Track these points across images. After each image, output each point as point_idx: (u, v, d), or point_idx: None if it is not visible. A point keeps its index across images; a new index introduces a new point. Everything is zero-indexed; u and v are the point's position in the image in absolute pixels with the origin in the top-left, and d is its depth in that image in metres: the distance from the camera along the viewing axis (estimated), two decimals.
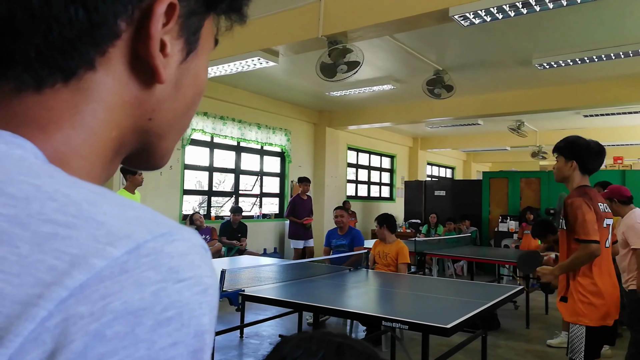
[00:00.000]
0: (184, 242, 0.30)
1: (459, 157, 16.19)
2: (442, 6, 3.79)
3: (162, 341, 0.27)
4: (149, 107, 0.39)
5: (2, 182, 0.29)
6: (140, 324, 0.26)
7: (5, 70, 0.33)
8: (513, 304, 6.13)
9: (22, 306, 0.25)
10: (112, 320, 0.26)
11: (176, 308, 0.28)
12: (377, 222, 4.78)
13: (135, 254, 0.28)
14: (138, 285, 0.27)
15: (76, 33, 0.33)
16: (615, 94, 6.96)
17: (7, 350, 0.24)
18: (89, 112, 0.35)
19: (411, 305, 3.31)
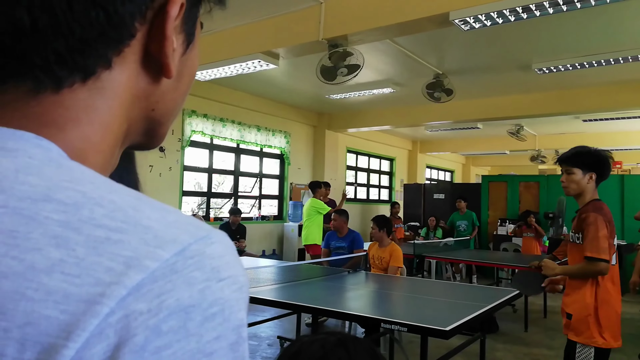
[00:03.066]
0: (221, 244, 0.33)
1: (458, 160, 16.21)
2: (443, 10, 3.80)
3: (208, 335, 0.29)
4: (154, 99, 0.41)
5: (48, 188, 0.30)
6: (190, 320, 0.29)
7: (22, 72, 0.34)
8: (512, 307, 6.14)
9: (86, 304, 0.27)
10: (167, 316, 0.28)
11: (219, 305, 0.30)
12: (377, 224, 4.70)
13: (182, 256, 0.30)
14: (187, 284, 0.29)
15: (96, 35, 0.35)
16: (615, 99, 6.98)
17: (75, 344, 0.27)
18: (105, 108, 0.37)
19: (410, 307, 3.32)
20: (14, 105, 0.34)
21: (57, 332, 0.27)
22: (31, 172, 0.31)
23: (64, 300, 0.27)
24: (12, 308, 0.27)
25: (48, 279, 0.28)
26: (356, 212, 10.67)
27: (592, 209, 2.42)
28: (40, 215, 0.29)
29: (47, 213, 0.29)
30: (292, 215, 8.94)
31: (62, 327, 0.27)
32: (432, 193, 11.05)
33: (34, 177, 0.31)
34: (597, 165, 2.44)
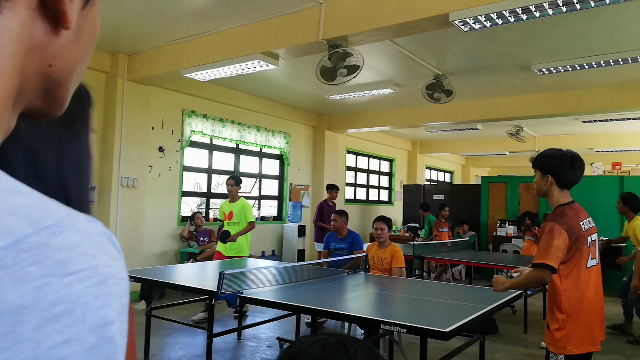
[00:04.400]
0: (75, 232, 0.28)
1: (458, 161, 16.22)
2: (443, 11, 3.80)
3: (51, 339, 0.25)
4: (50, 53, 0.37)
5: None
6: (22, 323, 0.24)
7: None
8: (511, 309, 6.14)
9: None
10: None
11: (65, 303, 0.26)
12: (385, 223, 4.64)
13: (14, 250, 0.26)
14: (17, 282, 0.25)
15: None
16: (614, 100, 6.98)
17: None
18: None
19: (409, 308, 3.31)
20: None
21: None
22: None
23: None
24: None
25: None
26: (355, 213, 10.67)
27: (551, 217, 2.39)
28: None
29: None
30: (291, 216, 8.93)
31: None
32: (431, 194, 11.05)
33: None
34: (551, 167, 2.41)
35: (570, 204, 2.44)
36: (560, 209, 2.41)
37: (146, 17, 4.92)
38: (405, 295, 3.75)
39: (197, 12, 4.76)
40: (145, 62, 6.02)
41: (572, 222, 2.35)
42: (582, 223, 2.39)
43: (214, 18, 4.91)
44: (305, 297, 3.35)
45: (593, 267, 2.43)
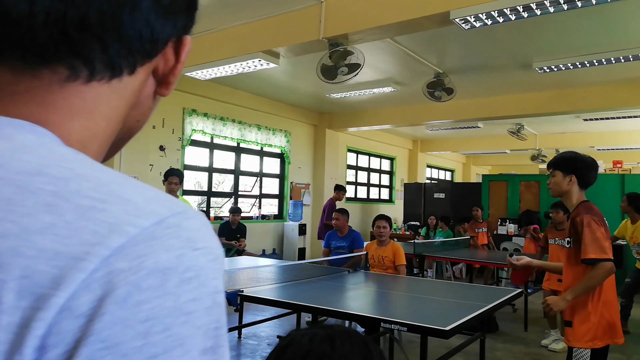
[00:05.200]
0: (196, 220, 0.37)
1: (459, 159, 16.20)
2: (444, 9, 3.80)
3: (185, 296, 0.33)
4: (143, 111, 0.47)
5: (41, 164, 0.35)
6: (168, 280, 0.33)
7: (66, 58, 0.39)
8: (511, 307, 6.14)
9: (74, 261, 0.31)
10: (146, 274, 0.32)
11: (195, 270, 0.34)
12: (387, 222, 4.64)
13: (160, 226, 0.34)
14: (165, 250, 0.33)
15: (138, 46, 0.42)
16: (615, 98, 6.97)
17: (64, 294, 0.31)
18: (115, 106, 0.43)
19: (410, 307, 3.32)
20: (38, 92, 0.39)
21: (48, 284, 0.31)
22: (25, 152, 0.35)
23: (55, 257, 0.31)
24: (9, 263, 0.31)
25: (41, 239, 0.32)
26: (356, 212, 10.67)
27: (583, 211, 2.45)
28: (34, 186, 0.33)
29: (40, 185, 0.34)
30: (292, 214, 8.94)
31: (52, 279, 0.31)
32: (432, 192, 11.05)
33: (27, 155, 0.35)
34: (575, 168, 2.53)
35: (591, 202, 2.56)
36: (587, 203, 2.52)
37: None
38: (406, 293, 3.75)
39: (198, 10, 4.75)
40: None
41: (601, 216, 2.46)
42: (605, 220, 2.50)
43: (215, 17, 4.90)
44: (306, 296, 3.35)
45: None
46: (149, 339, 0.31)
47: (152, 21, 0.42)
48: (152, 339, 0.31)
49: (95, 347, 0.30)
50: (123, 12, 0.40)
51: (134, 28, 0.41)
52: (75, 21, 0.38)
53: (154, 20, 0.42)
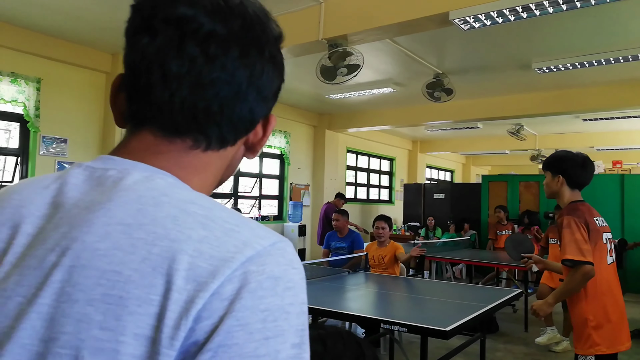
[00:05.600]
0: (291, 247, 0.51)
1: (458, 160, 16.20)
2: (443, 10, 3.80)
3: (287, 299, 0.46)
4: (232, 169, 0.63)
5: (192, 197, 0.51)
6: (277, 285, 0.46)
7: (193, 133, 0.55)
8: (512, 308, 6.14)
9: (223, 262, 0.45)
10: (266, 278, 0.46)
11: (293, 282, 0.48)
12: (387, 223, 4.64)
13: (273, 247, 0.48)
14: (276, 264, 0.47)
15: (242, 126, 0.59)
16: (615, 98, 6.97)
17: (216, 282, 0.44)
18: (219, 167, 0.60)
19: (410, 308, 3.31)
20: (173, 155, 0.56)
21: (205, 275, 0.44)
22: (180, 189, 0.52)
23: (210, 258, 0.46)
24: (180, 259, 0.45)
25: (200, 245, 0.46)
26: (356, 212, 10.67)
27: (566, 212, 2.43)
28: (191, 210, 0.49)
29: (195, 210, 0.49)
30: (292, 215, 8.93)
31: (209, 273, 0.45)
32: (432, 193, 11.04)
33: (181, 191, 0.52)
34: (562, 169, 2.49)
35: (582, 201, 2.50)
36: (573, 204, 2.46)
37: None
38: (406, 294, 3.75)
39: None
40: None
41: (586, 216, 2.39)
42: (595, 219, 2.44)
43: None
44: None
45: (611, 264, 2.44)
46: (265, 324, 0.44)
47: (254, 108, 0.58)
48: (267, 324, 0.44)
49: (233, 323, 0.43)
50: (235, 103, 0.56)
51: (242, 114, 0.57)
52: (202, 109, 0.54)
53: (255, 107, 0.58)
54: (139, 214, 0.48)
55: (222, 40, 0.54)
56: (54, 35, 5.51)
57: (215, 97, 0.54)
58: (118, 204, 0.49)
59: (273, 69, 0.59)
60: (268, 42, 0.58)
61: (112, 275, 0.44)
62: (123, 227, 0.47)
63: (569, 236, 2.33)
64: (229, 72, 0.54)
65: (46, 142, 5.64)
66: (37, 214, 0.51)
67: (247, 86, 0.56)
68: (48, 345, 0.42)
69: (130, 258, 0.45)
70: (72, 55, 5.75)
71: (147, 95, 0.54)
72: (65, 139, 5.82)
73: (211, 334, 0.43)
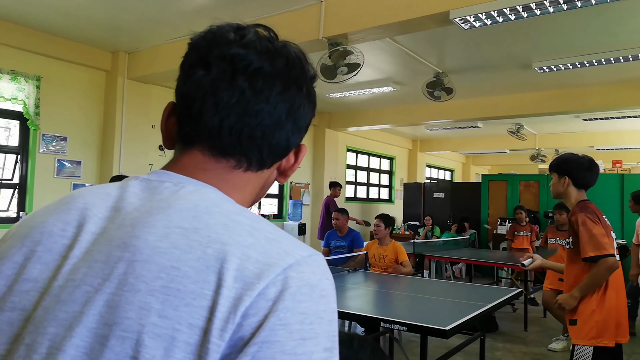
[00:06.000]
0: (324, 261, 0.56)
1: (458, 159, 16.20)
2: (443, 9, 3.79)
3: (321, 306, 0.51)
4: (266, 189, 0.71)
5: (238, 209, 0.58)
6: (313, 292, 0.51)
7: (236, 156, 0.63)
8: (511, 307, 6.14)
9: (267, 266, 0.51)
10: (304, 284, 0.51)
11: (327, 291, 0.53)
12: (383, 222, 4.66)
13: (310, 258, 0.54)
14: (313, 273, 0.52)
15: (278, 152, 0.66)
16: (615, 98, 6.97)
17: (261, 284, 0.49)
18: (256, 186, 0.67)
19: (410, 307, 3.32)
20: (218, 172, 0.63)
21: (252, 277, 0.49)
22: (228, 202, 0.59)
23: (256, 262, 0.50)
24: (230, 260, 0.50)
25: (248, 250, 0.51)
26: (356, 211, 10.66)
27: (578, 210, 2.49)
28: (239, 220, 0.55)
29: (242, 220, 0.55)
30: (292, 214, 8.93)
31: (255, 275, 0.49)
32: (432, 192, 11.04)
33: (229, 204, 0.59)
34: (568, 170, 2.58)
35: (589, 200, 2.59)
36: (583, 202, 2.55)
37: (146, 15, 4.91)
38: (406, 293, 3.75)
39: (197, 10, 4.76)
40: (145, 61, 6.01)
41: (597, 213, 2.49)
42: (603, 216, 2.53)
43: (214, 16, 4.89)
44: None
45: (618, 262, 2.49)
46: (303, 326, 0.48)
47: (290, 136, 0.65)
48: (304, 326, 0.48)
49: (276, 322, 0.47)
50: (275, 131, 0.63)
51: (279, 141, 0.64)
52: (246, 134, 0.62)
53: (290, 136, 0.65)
54: (195, 219, 0.54)
55: (268, 77, 0.61)
56: (54, 33, 5.50)
57: (258, 125, 0.62)
58: (176, 210, 0.55)
59: (308, 103, 0.67)
60: (306, 80, 0.66)
61: (171, 270, 0.49)
62: (181, 230, 0.53)
63: (586, 234, 2.39)
64: (272, 104, 0.62)
65: (46, 140, 5.64)
66: (100, 216, 0.58)
67: (286, 117, 0.63)
68: (112, 329, 0.47)
69: (187, 257, 0.50)
70: (72, 53, 5.74)
71: (199, 120, 0.62)
72: (65, 136, 5.82)
73: (257, 329, 0.47)
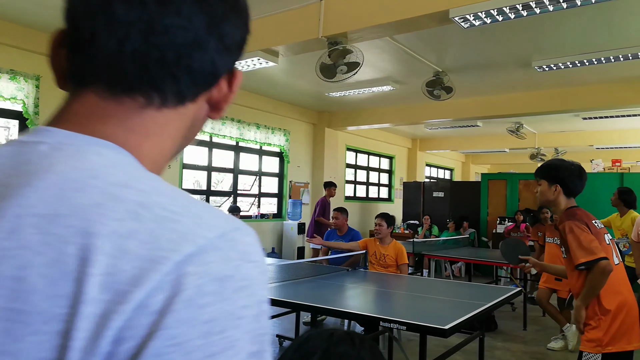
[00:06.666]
0: (250, 236, 0.42)
1: (458, 158, 16.20)
2: (443, 7, 3.79)
3: (239, 302, 0.38)
4: (196, 130, 0.55)
5: (129, 179, 0.42)
6: (226, 287, 0.37)
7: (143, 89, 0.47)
8: (510, 306, 6.14)
9: (151, 263, 0.36)
10: (209, 280, 0.37)
11: (248, 280, 0.39)
12: (385, 220, 4.65)
13: (223, 239, 0.40)
14: (225, 260, 0.38)
15: (202, 80, 0.50)
16: (615, 97, 6.97)
17: (141, 291, 0.35)
18: (178, 128, 0.51)
19: (409, 306, 3.32)
20: (122, 117, 0.47)
21: (129, 281, 0.35)
22: (116, 168, 0.42)
23: (136, 259, 0.36)
24: (96, 260, 0.36)
25: (125, 242, 0.37)
26: (355, 210, 10.67)
27: (565, 218, 2.46)
28: (122, 196, 0.39)
29: (127, 195, 0.39)
30: (291, 213, 8.93)
31: (132, 278, 0.35)
32: (431, 191, 11.05)
33: (117, 171, 0.42)
34: (560, 177, 2.53)
35: (577, 207, 2.55)
36: (570, 210, 2.51)
37: None
38: (405, 292, 3.75)
39: None
40: None
41: (584, 219, 2.44)
42: (594, 222, 2.48)
43: None
44: (305, 295, 3.35)
45: (619, 265, 2.46)
46: (209, 339, 0.36)
47: (215, 59, 0.50)
48: (211, 338, 0.36)
49: (164, 343, 0.34)
50: (194, 52, 0.47)
51: (201, 65, 0.48)
52: (155, 59, 0.46)
53: (217, 58, 0.50)
54: (58, 201, 0.38)
55: None
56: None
57: (170, 45, 0.45)
58: (36, 189, 0.39)
59: (236, 16, 0.51)
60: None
61: (14, 282, 0.35)
62: (36, 219, 0.37)
63: (574, 241, 2.36)
64: (185, 17, 0.46)
65: None
66: None
67: (207, 34, 0.48)
68: None
69: (39, 260, 0.35)
70: None
71: (91, 47, 0.45)
72: None
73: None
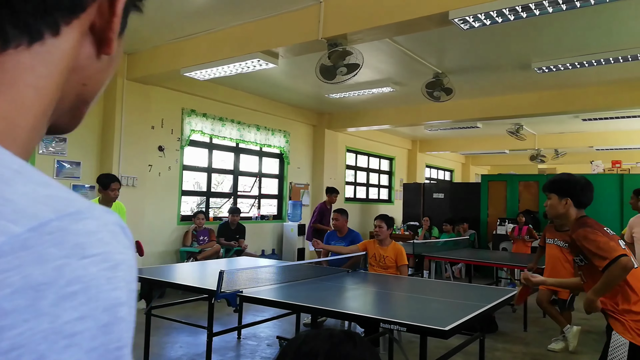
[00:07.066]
0: (94, 220, 0.31)
1: (458, 159, 16.21)
2: (442, 9, 3.79)
3: (66, 315, 0.27)
4: (88, 74, 0.41)
5: None
6: (42, 298, 0.27)
7: None
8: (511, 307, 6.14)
9: None
10: (10, 294, 0.26)
11: (82, 283, 0.28)
12: (385, 222, 4.66)
13: (38, 232, 0.28)
14: (39, 261, 0.27)
15: (55, 3, 0.36)
16: (614, 98, 6.98)
17: None
18: (44, 73, 0.37)
19: (409, 307, 3.32)
20: None
21: None
22: None
23: None
24: None
25: None
26: (355, 212, 10.67)
27: (577, 227, 2.52)
28: None
29: None
30: (291, 214, 8.93)
31: None
32: (431, 192, 11.05)
33: None
34: (570, 191, 2.60)
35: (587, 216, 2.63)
36: (581, 219, 2.59)
37: (145, 16, 4.89)
38: (405, 293, 3.75)
39: (197, 11, 4.76)
40: (144, 61, 6.01)
41: (596, 226, 2.52)
42: (605, 228, 2.55)
43: (214, 17, 4.90)
44: (305, 296, 3.35)
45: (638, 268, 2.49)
46: None
47: None
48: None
49: None
50: None
51: None
52: None
53: None
54: None
55: None
56: None
57: None
58: None
59: None
60: None
61: None
62: None
63: (592, 245, 2.41)
64: None
65: (45, 141, 5.64)
66: None
67: None
68: None
69: None
70: None
71: None
72: (64, 137, 5.82)
73: None
